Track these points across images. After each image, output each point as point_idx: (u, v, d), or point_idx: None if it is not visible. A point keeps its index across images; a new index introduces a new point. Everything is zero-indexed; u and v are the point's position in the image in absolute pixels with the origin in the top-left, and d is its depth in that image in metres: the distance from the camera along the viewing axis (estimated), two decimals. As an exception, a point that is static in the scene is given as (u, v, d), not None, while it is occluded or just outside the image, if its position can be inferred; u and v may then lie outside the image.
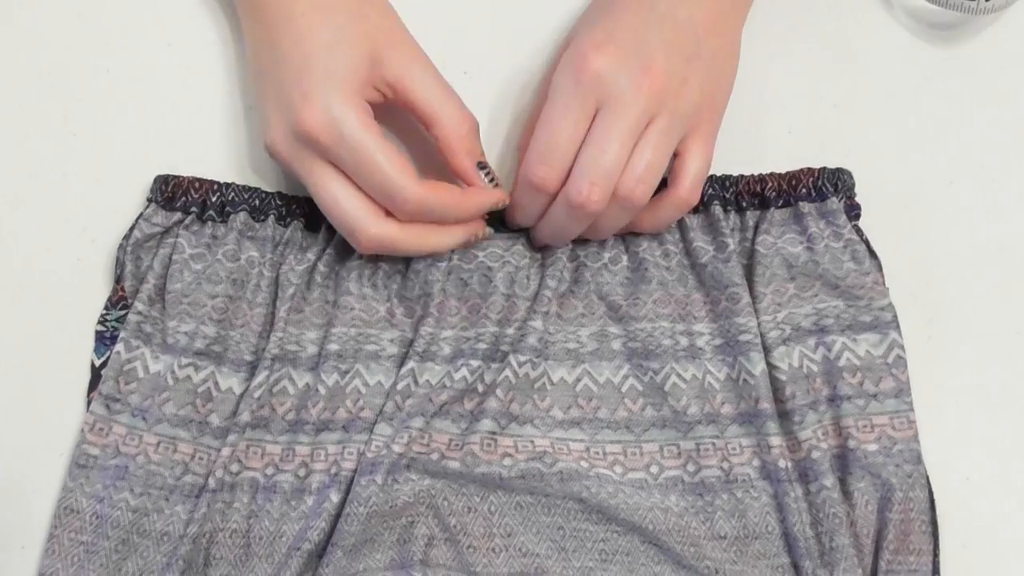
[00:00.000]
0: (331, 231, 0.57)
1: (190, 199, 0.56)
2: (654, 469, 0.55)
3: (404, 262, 0.57)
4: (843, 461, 0.54)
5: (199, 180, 0.56)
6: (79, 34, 0.61)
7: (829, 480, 0.53)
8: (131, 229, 0.56)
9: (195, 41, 0.61)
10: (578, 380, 0.56)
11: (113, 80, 0.60)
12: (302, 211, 0.57)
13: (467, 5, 0.62)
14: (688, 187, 0.53)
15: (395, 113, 0.56)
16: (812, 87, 0.61)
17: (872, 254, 0.56)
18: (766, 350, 0.55)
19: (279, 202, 0.57)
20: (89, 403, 0.55)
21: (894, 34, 0.62)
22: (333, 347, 0.55)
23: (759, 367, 0.54)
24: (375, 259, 0.57)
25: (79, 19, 0.61)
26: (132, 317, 0.55)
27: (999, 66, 0.62)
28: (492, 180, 0.56)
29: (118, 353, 0.55)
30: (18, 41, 0.60)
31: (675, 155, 0.54)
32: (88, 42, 0.61)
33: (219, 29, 0.61)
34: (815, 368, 0.55)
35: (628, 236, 0.57)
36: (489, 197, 0.55)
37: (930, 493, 0.54)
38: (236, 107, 0.60)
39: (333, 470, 0.54)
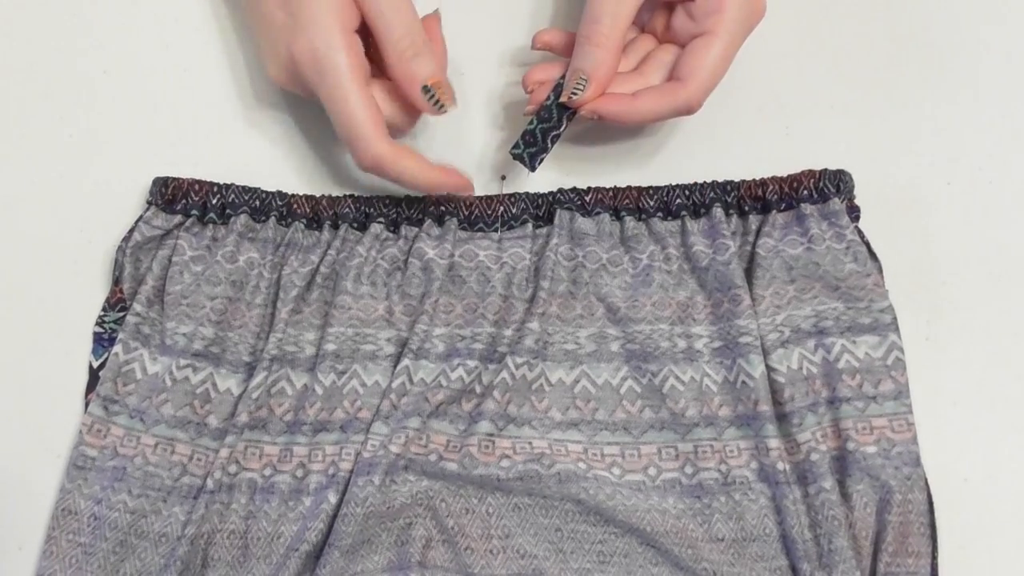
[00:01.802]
0: (333, 230, 0.57)
1: (190, 201, 0.56)
2: (652, 471, 0.55)
3: (403, 261, 0.57)
4: (842, 463, 0.54)
5: (199, 182, 0.56)
6: (76, 35, 0.61)
7: (828, 482, 0.53)
8: (131, 231, 0.56)
9: (192, 42, 0.61)
10: (576, 381, 0.56)
11: (110, 81, 0.60)
12: (303, 211, 0.57)
13: (466, 6, 0.62)
14: (695, 88, 0.54)
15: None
16: (810, 88, 0.61)
17: (873, 256, 0.56)
18: (765, 352, 0.55)
19: (280, 202, 0.57)
20: (87, 404, 0.54)
21: (892, 34, 0.62)
22: (330, 347, 0.55)
23: (759, 369, 0.54)
24: (373, 258, 0.56)
25: (76, 20, 0.61)
26: (130, 318, 0.55)
27: (999, 66, 0.62)
28: (437, 103, 0.54)
29: (116, 354, 0.55)
30: (14, 41, 0.60)
31: (691, 53, 0.54)
32: (85, 43, 0.61)
33: (217, 31, 0.61)
34: (814, 370, 0.55)
35: (628, 239, 0.57)
36: (453, 180, 0.55)
37: (929, 495, 0.53)
38: (234, 108, 0.60)
39: (331, 471, 0.54)
